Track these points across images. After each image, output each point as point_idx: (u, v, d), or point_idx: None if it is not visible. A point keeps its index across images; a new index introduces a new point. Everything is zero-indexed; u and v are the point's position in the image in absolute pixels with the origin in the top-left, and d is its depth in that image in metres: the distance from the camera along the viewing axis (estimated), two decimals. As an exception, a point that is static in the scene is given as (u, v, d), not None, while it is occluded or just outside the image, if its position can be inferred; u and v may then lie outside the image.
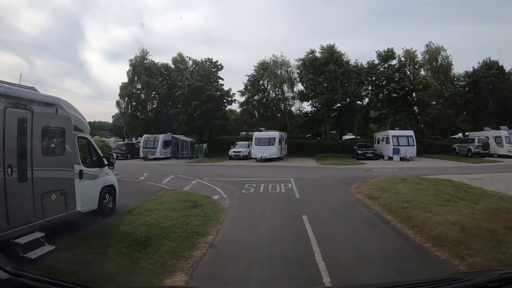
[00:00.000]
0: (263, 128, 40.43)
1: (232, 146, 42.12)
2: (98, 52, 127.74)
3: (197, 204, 12.63)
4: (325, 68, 44.49)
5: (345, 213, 12.02)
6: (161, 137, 42.18)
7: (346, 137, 59.62)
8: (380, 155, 37.85)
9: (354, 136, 56.25)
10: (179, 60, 56.62)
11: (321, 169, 28.96)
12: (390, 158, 36.14)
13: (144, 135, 44.45)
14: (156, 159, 40.32)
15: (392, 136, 37.35)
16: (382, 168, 27.40)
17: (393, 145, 36.62)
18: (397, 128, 40.92)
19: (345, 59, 46.65)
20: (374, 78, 48.52)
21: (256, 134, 38.50)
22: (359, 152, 37.88)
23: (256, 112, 50.51)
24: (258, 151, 36.01)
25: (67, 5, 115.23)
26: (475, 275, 2.80)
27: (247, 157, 38.79)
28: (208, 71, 49.34)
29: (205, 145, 41.61)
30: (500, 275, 2.37)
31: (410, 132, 38.29)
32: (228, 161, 37.57)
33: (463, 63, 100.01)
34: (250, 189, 17.05)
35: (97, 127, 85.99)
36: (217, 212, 11.77)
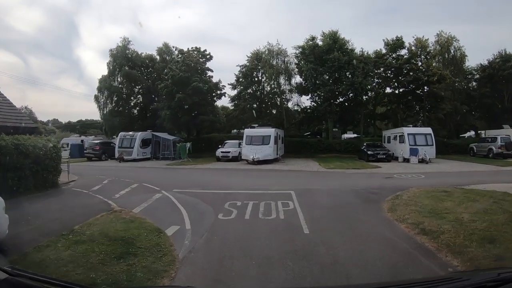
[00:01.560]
0: (256, 125, 34.76)
1: (220, 146, 36.73)
2: (93, 50, 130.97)
3: (131, 248, 7.28)
4: (328, 57, 39.23)
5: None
6: (139, 135, 37.14)
7: (346, 135, 53.84)
8: (392, 156, 32.52)
9: (355, 135, 51.62)
10: (165, 50, 51.26)
11: (328, 174, 23.39)
12: (406, 160, 31.03)
13: (120, 133, 39.15)
14: (133, 160, 35.55)
15: (408, 134, 32.11)
16: (403, 174, 21.86)
17: (410, 145, 31.39)
18: (411, 125, 35.48)
19: (349, 47, 41.35)
20: (382, 69, 43.94)
21: (247, 132, 32.89)
22: (369, 152, 32.33)
23: (253, 111, 45.48)
24: (249, 152, 30.46)
25: (62, 3, 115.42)
26: (473, 275, 2.69)
27: (237, 158, 33.46)
28: (195, 61, 43.68)
29: (188, 144, 35.97)
30: (498, 274, 2.32)
31: (428, 130, 33.06)
32: (215, 163, 32.23)
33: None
34: (231, 212, 11.21)
35: (87, 126, 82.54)
36: (156, 273, 6.09)
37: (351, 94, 41.32)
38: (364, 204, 12.61)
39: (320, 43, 41.48)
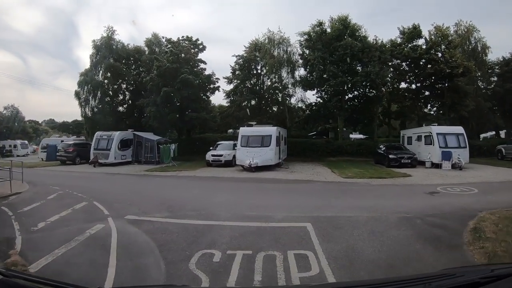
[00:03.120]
0: (254, 123, 29.39)
1: (211, 148, 30.99)
2: (92, 50, 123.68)
3: None
4: (338, 43, 33.83)
5: None
6: (117, 135, 31.90)
7: (352, 136, 48.23)
8: (417, 161, 27.07)
9: (362, 136, 46.88)
10: (154, 42, 45.56)
11: (349, 187, 17.62)
12: (435, 165, 25.79)
13: (97, 133, 33.77)
14: (111, 164, 30.46)
15: (438, 134, 26.72)
16: (448, 187, 16.49)
17: (440, 147, 26.00)
18: (436, 124, 30.02)
19: (362, 34, 35.86)
20: (396, 61, 38.42)
21: (243, 131, 27.10)
22: (390, 156, 26.92)
23: (247, 110, 39.97)
24: (245, 156, 24.80)
25: (61, 3, 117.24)
26: (466, 271, 2.66)
27: (232, 163, 27.85)
28: (185, 51, 38.31)
29: (173, 146, 30.59)
30: (491, 270, 2.33)
31: (460, 129, 27.66)
32: (204, 169, 26.79)
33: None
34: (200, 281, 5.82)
35: (81, 126, 75.41)
36: None
37: (365, 88, 36.23)
38: (439, 253, 7.16)
39: (329, 30, 36.06)
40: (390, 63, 37.62)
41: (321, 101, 38.62)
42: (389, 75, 36.99)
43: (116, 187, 18.21)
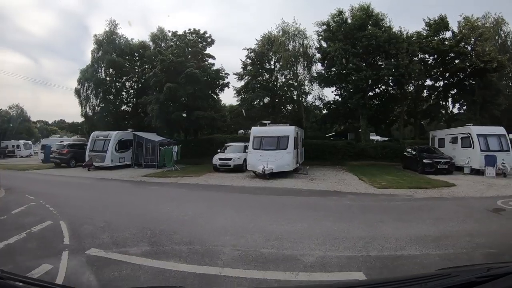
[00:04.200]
0: (268, 122, 25.65)
1: (219, 150, 27.39)
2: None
3: None
4: (362, 33, 30.46)
5: None
6: (114, 136, 28.90)
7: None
8: (454, 166, 23.49)
9: (380, 138, 42.08)
10: (160, 36, 42.56)
11: (392, 203, 13.79)
12: (475, 171, 22.37)
13: (93, 133, 30.93)
14: (106, 167, 27.65)
15: (478, 135, 23.13)
16: (508, 200, 13.33)
17: (481, 150, 22.42)
18: (471, 124, 26.28)
19: (386, 24, 32.55)
20: (426, 55, 34.48)
21: (255, 131, 23.44)
22: (425, 161, 23.32)
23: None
24: (258, 160, 21.23)
25: (73, 6, 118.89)
26: (462, 271, 2.50)
27: (242, 167, 24.44)
28: (191, 44, 35.09)
29: (176, 148, 27.24)
30: (487, 270, 2.27)
31: (501, 130, 23.85)
32: (210, 175, 23.40)
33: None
34: None
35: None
36: None
37: (391, 84, 32.88)
38: None
39: (349, 20, 32.65)
40: (415, 58, 33.93)
41: (340, 99, 35.34)
42: (419, 69, 33.17)
43: (99, 199, 14.97)
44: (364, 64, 30.91)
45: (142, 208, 12.16)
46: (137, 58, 41.93)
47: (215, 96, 37.84)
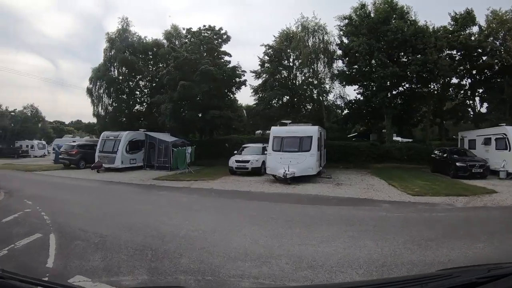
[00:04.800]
0: (289, 121, 23.76)
1: (235, 152, 25.61)
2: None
3: None
4: (387, 27, 28.70)
5: None
6: (124, 136, 27.38)
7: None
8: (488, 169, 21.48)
9: (401, 139, 39.17)
10: (174, 34, 41.19)
11: (434, 214, 11.90)
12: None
13: (103, 133, 29.53)
14: (116, 169, 26.15)
15: (515, 136, 21.08)
16: None
17: (520, 153, 20.34)
18: (504, 124, 24.08)
19: (411, 18, 30.65)
20: (453, 51, 32.20)
21: (275, 131, 21.55)
22: (459, 164, 21.30)
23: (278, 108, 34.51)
24: (278, 163, 19.31)
25: (90, 8, 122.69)
26: (463, 272, 2.45)
27: (260, 171, 22.65)
28: (206, 40, 33.54)
29: (189, 149, 25.64)
30: (488, 270, 2.24)
31: (540, 130, 21.74)
32: (226, 178, 21.76)
33: None
34: None
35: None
36: None
37: (416, 81, 30.95)
38: None
39: (372, 14, 30.79)
40: (442, 54, 31.87)
41: (362, 97, 33.52)
42: (448, 65, 31.03)
43: (101, 205, 13.33)
44: (388, 61, 29.04)
45: (147, 219, 10.41)
46: (150, 56, 40.44)
47: (231, 95, 36.29)
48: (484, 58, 30.74)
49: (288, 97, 35.25)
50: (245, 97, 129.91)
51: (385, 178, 20.72)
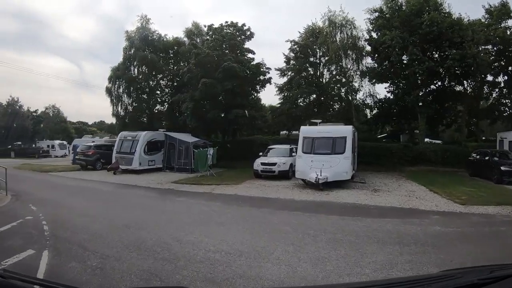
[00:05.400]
0: (319, 121, 21.94)
1: (261, 154, 23.80)
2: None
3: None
4: (421, 19, 26.73)
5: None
6: (143, 136, 26.07)
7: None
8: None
9: (429, 140, 36.83)
10: (195, 32, 39.82)
11: (495, 229, 10.11)
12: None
13: (121, 133, 28.47)
14: (136, 171, 24.99)
15: None
16: None
17: None
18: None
19: (445, 10, 28.55)
20: (489, 46, 30.17)
21: (305, 131, 19.66)
22: (504, 169, 19.17)
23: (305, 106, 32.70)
24: (310, 166, 17.42)
25: (113, 12, 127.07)
26: (466, 273, 2.43)
27: (287, 174, 20.92)
28: (229, 36, 32.04)
29: (211, 151, 24.02)
30: (490, 271, 2.20)
31: None
32: (250, 182, 20.05)
33: None
34: None
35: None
36: None
37: (453, 77, 28.67)
38: None
39: (404, 7, 28.77)
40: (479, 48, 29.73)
41: (392, 96, 31.98)
42: (487, 60, 28.82)
43: (110, 214, 11.86)
44: (425, 55, 27.09)
45: (159, 234, 8.76)
46: (171, 55, 39.15)
47: (255, 94, 34.64)
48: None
49: (315, 96, 33.43)
50: (268, 97, 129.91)
51: (424, 183, 18.91)
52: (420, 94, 28.67)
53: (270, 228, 9.46)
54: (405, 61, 28.00)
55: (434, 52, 28.21)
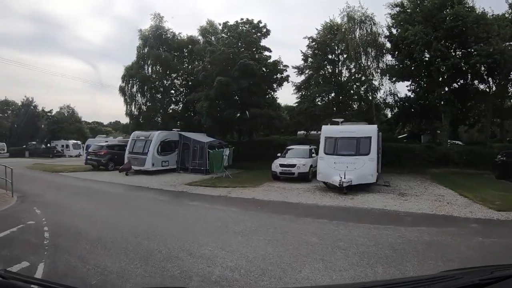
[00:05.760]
0: (341, 120, 20.61)
1: (279, 154, 22.52)
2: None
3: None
4: (445, 13, 25.70)
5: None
6: (156, 136, 25.35)
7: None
8: None
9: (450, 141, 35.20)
10: (210, 30, 38.96)
11: None
12: None
13: (133, 133, 27.72)
14: (149, 172, 24.45)
15: None
16: None
17: None
18: None
19: (469, 4, 27.12)
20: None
21: (327, 131, 18.36)
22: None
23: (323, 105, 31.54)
24: (333, 168, 16.27)
25: (127, 14, 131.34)
26: (467, 273, 2.39)
27: (307, 176, 19.78)
28: (245, 34, 31.15)
29: (227, 151, 23.17)
30: (491, 272, 2.17)
31: None
32: (269, 185, 18.89)
33: None
34: None
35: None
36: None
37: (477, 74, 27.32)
38: None
39: (426, 1, 27.51)
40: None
41: (413, 95, 30.76)
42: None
43: (116, 222, 10.87)
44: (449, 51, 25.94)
45: (170, 245, 7.77)
46: (185, 54, 38.44)
47: (272, 92, 33.61)
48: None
49: (333, 94, 32.24)
50: (283, 96, 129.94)
51: (451, 187, 17.65)
52: (445, 92, 27.39)
53: (294, 239, 8.35)
54: (426, 58, 26.83)
55: (457, 49, 26.97)
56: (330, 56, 32.46)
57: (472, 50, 25.13)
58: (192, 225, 10.09)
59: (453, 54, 26.17)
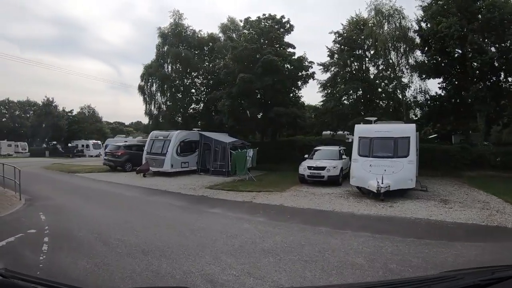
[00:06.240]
0: (374, 118, 18.84)
1: (306, 156, 21.06)
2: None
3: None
4: (478, 5, 24.17)
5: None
6: (175, 136, 24.30)
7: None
8: None
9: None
10: (230, 27, 38.36)
11: None
12: None
13: (152, 132, 26.77)
14: (168, 174, 23.58)
15: None
16: None
17: None
18: None
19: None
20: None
21: (360, 130, 16.65)
22: None
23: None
24: (368, 172, 14.80)
25: (147, 16, 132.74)
26: (467, 274, 2.40)
27: (338, 180, 18.44)
28: (268, 29, 29.94)
29: (251, 152, 21.97)
30: (492, 273, 2.19)
31: None
32: (296, 189, 17.51)
33: None
34: None
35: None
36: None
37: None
38: None
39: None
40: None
41: (445, 92, 28.89)
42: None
43: (126, 233, 9.26)
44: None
45: (185, 266, 6.48)
46: (206, 52, 37.47)
47: (296, 90, 32.25)
48: None
49: (361, 92, 30.63)
50: (307, 95, 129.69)
51: (493, 192, 16.09)
52: (481, 89, 25.56)
53: (336, 260, 6.86)
54: (459, 52, 25.36)
55: (493, 43, 25.23)
56: (357, 52, 30.93)
57: (508, 44, 23.48)
58: (212, 240, 8.53)
59: (490, 48, 24.37)
